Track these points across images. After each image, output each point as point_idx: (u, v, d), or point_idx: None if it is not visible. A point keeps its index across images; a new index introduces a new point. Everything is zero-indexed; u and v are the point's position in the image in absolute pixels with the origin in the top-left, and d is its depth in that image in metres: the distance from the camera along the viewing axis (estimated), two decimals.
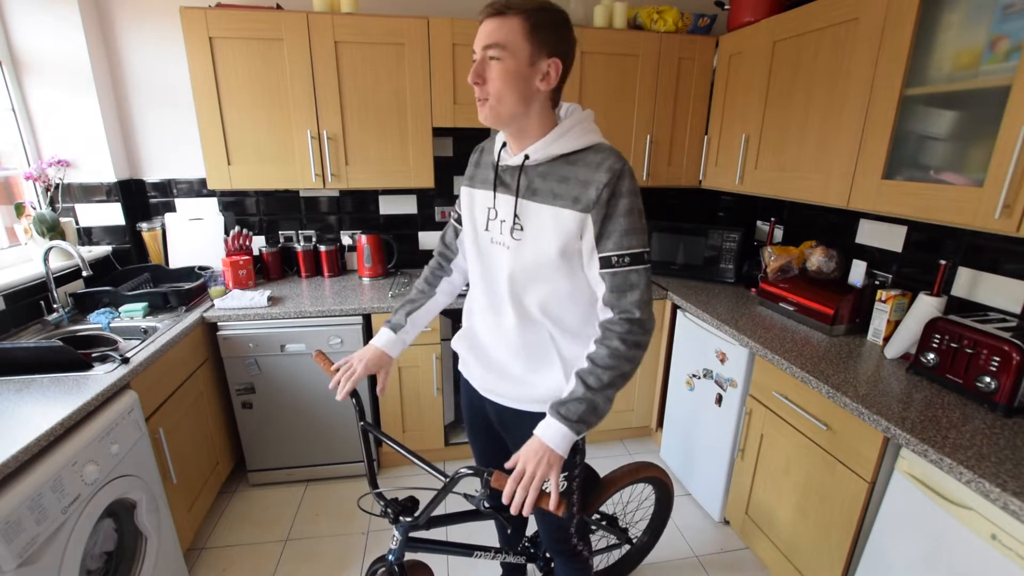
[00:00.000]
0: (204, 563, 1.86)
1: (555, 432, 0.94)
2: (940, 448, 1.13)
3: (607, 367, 0.97)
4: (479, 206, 1.13)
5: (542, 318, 1.09)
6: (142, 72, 2.25)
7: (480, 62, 0.96)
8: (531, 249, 1.04)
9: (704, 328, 2.05)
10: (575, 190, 0.98)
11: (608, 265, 0.98)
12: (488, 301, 1.16)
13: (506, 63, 0.94)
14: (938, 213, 1.36)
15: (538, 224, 1.02)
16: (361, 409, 1.20)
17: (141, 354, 1.59)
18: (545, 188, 1.01)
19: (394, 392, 2.23)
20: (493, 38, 0.93)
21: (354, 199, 2.55)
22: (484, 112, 0.99)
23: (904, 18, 1.41)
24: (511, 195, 1.05)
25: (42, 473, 1.13)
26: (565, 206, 0.98)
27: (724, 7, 2.27)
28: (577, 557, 1.33)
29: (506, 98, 0.96)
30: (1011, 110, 1.17)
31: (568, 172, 0.99)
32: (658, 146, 2.41)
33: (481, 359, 1.21)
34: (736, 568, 1.86)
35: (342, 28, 2.01)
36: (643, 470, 1.62)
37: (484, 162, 1.15)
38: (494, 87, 0.96)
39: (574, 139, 1.00)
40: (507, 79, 0.95)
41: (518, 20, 0.93)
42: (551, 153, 1.00)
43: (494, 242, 1.10)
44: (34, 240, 1.98)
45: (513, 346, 1.13)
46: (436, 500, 1.08)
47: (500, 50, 0.93)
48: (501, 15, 0.93)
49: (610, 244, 0.97)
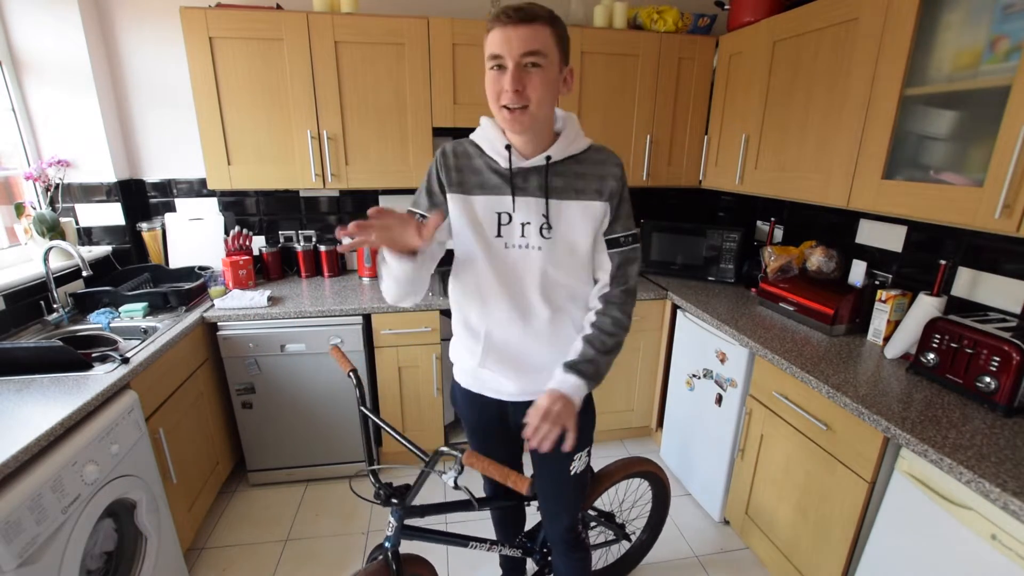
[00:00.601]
0: (204, 563, 1.86)
1: (572, 385, 1.03)
2: (940, 448, 1.13)
3: (611, 334, 1.09)
4: (484, 212, 1.09)
5: (570, 306, 1.15)
6: (142, 72, 2.25)
7: (518, 68, 0.94)
8: (564, 245, 1.09)
9: (704, 328, 2.05)
10: (594, 184, 1.08)
11: (617, 245, 1.11)
12: (512, 305, 1.12)
13: (547, 71, 0.96)
14: (938, 213, 1.36)
15: (568, 220, 1.08)
16: (363, 394, 1.25)
17: (141, 354, 1.59)
18: (566, 185, 1.07)
19: (394, 392, 2.23)
20: (533, 45, 0.93)
21: (354, 199, 2.55)
22: (524, 120, 0.98)
23: (904, 18, 1.41)
24: (536, 196, 1.07)
25: (42, 473, 1.13)
26: (592, 199, 1.07)
27: (724, 7, 2.27)
28: (581, 545, 1.36)
29: (545, 105, 0.99)
30: (1011, 110, 1.17)
31: (581, 169, 1.08)
32: (658, 146, 2.41)
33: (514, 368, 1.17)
34: (736, 568, 1.86)
35: (342, 28, 2.01)
36: (637, 464, 1.63)
37: (474, 168, 1.10)
38: (536, 94, 0.96)
39: (580, 140, 1.10)
40: (547, 86, 0.97)
41: (547, 28, 0.95)
42: (568, 153, 1.07)
43: (512, 246, 1.09)
44: (34, 240, 1.98)
45: (544, 338, 1.15)
46: (421, 478, 1.14)
47: (542, 57, 0.94)
48: (532, 22, 0.93)
49: (619, 227, 1.11)
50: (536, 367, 1.17)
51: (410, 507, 1.19)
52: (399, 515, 1.18)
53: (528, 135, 1.04)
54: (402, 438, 1.17)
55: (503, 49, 0.94)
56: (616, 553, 1.83)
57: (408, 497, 1.17)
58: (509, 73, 0.94)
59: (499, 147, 1.07)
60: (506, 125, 1.01)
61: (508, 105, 0.97)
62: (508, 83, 0.95)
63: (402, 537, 1.21)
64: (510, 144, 1.06)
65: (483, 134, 1.10)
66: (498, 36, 0.94)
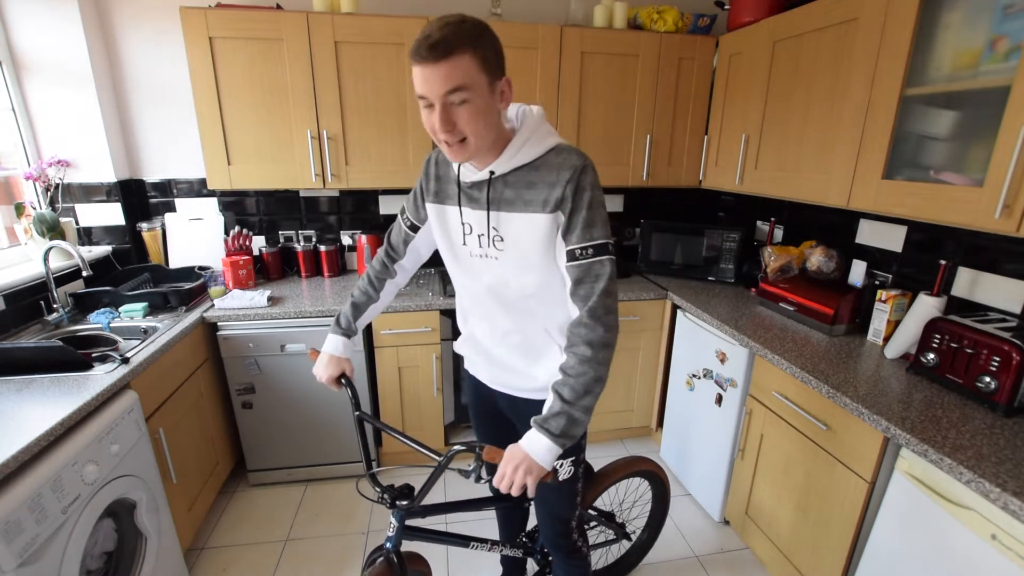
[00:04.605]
0: (204, 563, 1.86)
1: (540, 445, 0.95)
2: (940, 448, 1.13)
3: (579, 375, 0.97)
4: (452, 222, 1.12)
5: (536, 316, 1.12)
6: (142, 72, 2.25)
7: (444, 109, 0.88)
8: (514, 257, 1.05)
9: (704, 328, 2.05)
10: (543, 193, 0.99)
11: (573, 258, 0.99)
12: (480, 311, 1.19)
13: (475, 102, 0.89)
14: (938, 213, 1.36)
15: (515, 232, 1.03)
16: (356, 399, 1.23)
17: (141, 354, 1.59)
18: (515, 197, 1.01)
19: (394, 392, 2.23)
20: (453, 82, 0.86)
21: (354, 199, 2.55)
22: (463, 154, 0.95)
23: (904, 18, 1.41)
24: (482, 210, 1.04)
25: (42, 473, 1.13)
26: (536, 211, 0.99)
27: (724, 7, 2.27)
28: (576, 553, 1.34)
29: (483, 133, 0.93)
30: (1011, 110, 1.17)
31: (534, 177, 1.00)
32: (658, 146, 2.41)
33: (485, 358, 1.26)
34: (736, 568, 1.86)
35: (342, 28, 2.01)
36: (637, 464, 1.63)
37: (448, 177, 1.11)
38: (470, 128, 0.91)
39: (533, 147, 1.00)
40: (479, 116, 0.90)
41: (467, 56, 0.86)
42: (515, 164, 1.00)
43: (475, 255, 1.11)
44: (34, 240, 1.98)
45: (512, 345, 1.17)
46: (432, 478, 1.10)
47: (466, 92, 0.87)
48: (449, 57, 0.85)
49: (573, 238, 0.99)
50: (502, 364, 1.22)
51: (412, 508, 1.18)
52: (400, 516, 1.17)
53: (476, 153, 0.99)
54: (412, 441, 1.14)
55: (424, 89, 0.88)
56: (616, 553, 1.83)
57: (418, 497, 1.15)
58: (436, 113, 0.89)
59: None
60: (450, 157, 0.97)
61: (446, 141, 0.93)
62: (437, 123, 0.90)
63: (403, 538, 1.20)
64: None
65: None
66: (418, 75, 0.87)
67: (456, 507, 1.33)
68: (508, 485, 0.94)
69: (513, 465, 0.94)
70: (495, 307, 1.14)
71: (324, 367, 1.24)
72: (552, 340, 1.14)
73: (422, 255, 1.31)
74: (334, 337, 1.27)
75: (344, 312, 1.29)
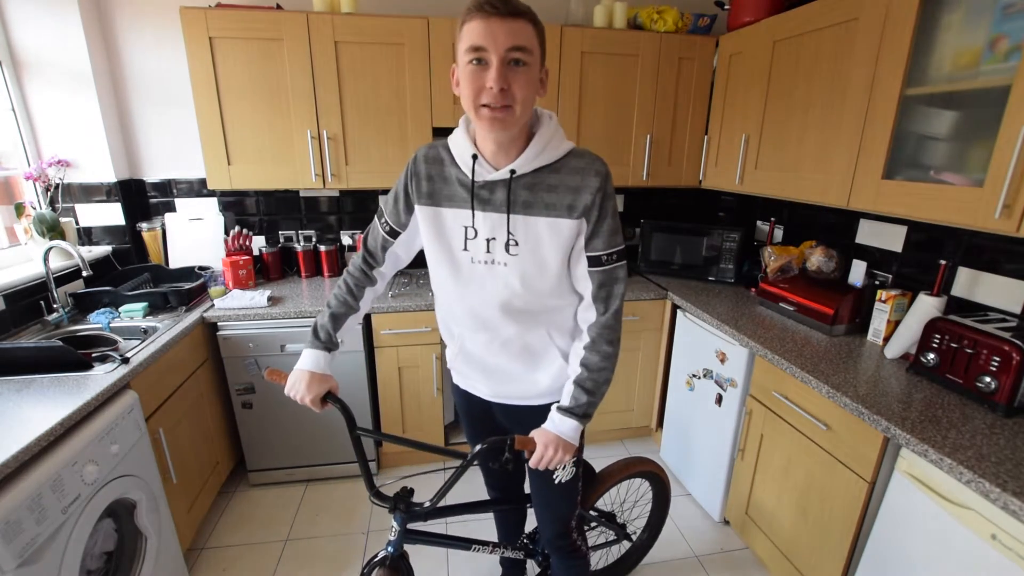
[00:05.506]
0: (204, 563, 1.86)
1: (567, 426, 1.04)
2: (940, 448, 1.13)
3: (600, 369, 1.05)
4: (450, 226, 1.05)
5: (540, 320, 1.10)
6: (142, 72, 2.25)
7: (503, 64, 0.85)
8: (531, 262, 1.02)
9: (704, 328, 2.05)
10: (567, 198, 0.97)
11: (598, 264, 1.02)
12: (477, 322, 1.12)
13: (531, 70, 0.88)
14: (938, 213, 1.36)
15: (535, 237, 1.00)
16: (350, 417, 1.13)
17: (141, 354, 1.59)
18: (535, 200, 0.98)
19: (394, 392, 2.23)
20: (519, 40, 0.85)
21: (354, 199, 2.55)
22: (507, 120, 0.89)
23: (904, 18, 1.41)
24: (498, 212, 0.99)
25: (42, 473, 1.13)
26: (561, 216, 0.98)
27: (724, 7, 2.27)
28: (576, 553, 1.34)
29: (528, 106, 0.91)
30: (1011, 110, 1.17)
31: (555, 180, 0.98)
32: (658, 146, 2.41)
33: (482, 372, 1.20)
34: (736, 568, 1.86)
35: (342, 28, 2.01)
36: (638, 464, 1.63)
37: (445, 177, 1.04)
38: (521, 94, 0.87)
39: (554, 148, 0.98)
40: (531, 87, 0.89)
41: (531, 26, 0.87)
42: (539, 163, 0.97)
43: (477, 262, 1.05)
44: (34, 240, 1.98)
45: (513, 353, 1.14)
46: (455, 477, 1.07)
47: (528, 55, 0.86)
48: (517, 17, 0.85)
49: (600, 244, 1.01)
50: (506, 376, 1.17)
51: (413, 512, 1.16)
52: (402, 520, 1.16)
53: (504, 140, 0.95)
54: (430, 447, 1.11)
55: (487, 42, 0.84)
56: (616, 553, 1.83)
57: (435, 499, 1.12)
58: (494, 69, 0.85)
59: (466, 157, 0.99)
60: (486, 126, 0.90)
61: (490, 104, 0.87)
62: (493, 80, 0.85)
63: (405, 541, 1.19)
64: (477, 154, 0.98)
65: (455, 140, 1.02)
66: (480, 28, 0.84)
67: (456, 510, 1.33)
68: (547, 462, 1.02)
69: (553, 447, 1.01)
70: (497, 315, 1.08)
71: (306, 387, 1.09)
72: (552, 343, 1.12)
73: (402, 260, 1.23)
74: (313, 352, 1.13)
75: (322, 324, 1.16)
